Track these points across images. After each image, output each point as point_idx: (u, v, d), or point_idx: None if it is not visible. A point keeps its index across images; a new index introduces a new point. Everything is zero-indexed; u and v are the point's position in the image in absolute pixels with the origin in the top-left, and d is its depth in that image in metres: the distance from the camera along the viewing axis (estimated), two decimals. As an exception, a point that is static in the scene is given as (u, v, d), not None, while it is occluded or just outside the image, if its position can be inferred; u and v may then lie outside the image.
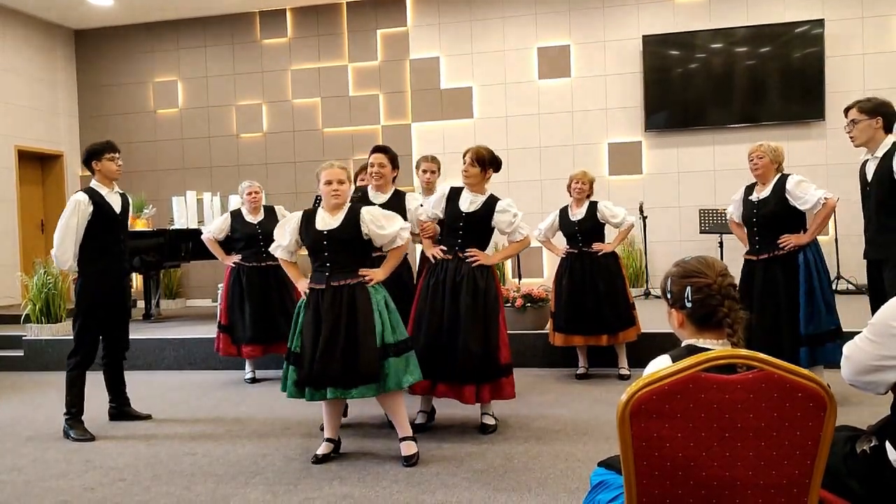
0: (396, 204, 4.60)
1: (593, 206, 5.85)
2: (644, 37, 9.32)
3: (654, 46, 9.32)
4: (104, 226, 4.83)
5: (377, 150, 4.80)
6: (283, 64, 10.45)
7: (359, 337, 3.90)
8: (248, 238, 6.19)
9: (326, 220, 4.04)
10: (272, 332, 6.09)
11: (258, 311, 6.06)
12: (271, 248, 4.27)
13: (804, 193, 4.70)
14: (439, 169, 5.52)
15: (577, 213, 5.87)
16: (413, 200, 4.76)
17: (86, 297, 4.81)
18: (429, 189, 5.41)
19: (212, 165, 10.66)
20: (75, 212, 4.75)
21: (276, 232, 4.22)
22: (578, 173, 5.92)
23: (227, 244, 6.37)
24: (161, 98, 10.83)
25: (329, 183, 4.01)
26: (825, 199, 4.65)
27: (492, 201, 4.54)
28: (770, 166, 4.86)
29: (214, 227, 6.37)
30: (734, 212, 5.18)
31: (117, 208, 4.94)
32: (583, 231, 5.84)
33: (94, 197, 4.82)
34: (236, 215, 6.34)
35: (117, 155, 4.94)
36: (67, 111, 10.93)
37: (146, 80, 10.86)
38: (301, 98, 10.40)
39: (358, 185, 5.34)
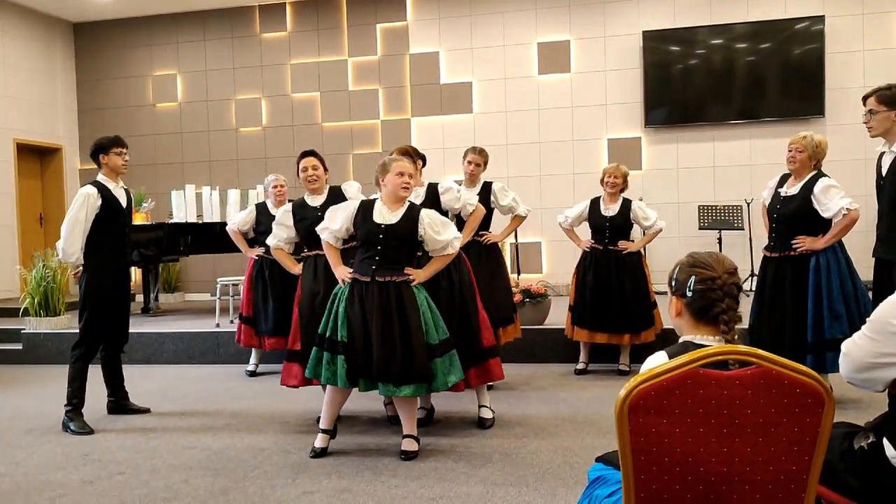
0: (336, 200, 4.64)
1: (627, 204, 5.79)
2: (644, 32, 9.31)
3: (654, 42, 9.30)
4: (111, 220, 4.86)
5: (307, 154, 4.86)
6: (282, 58, 10.44)
7: (412, 337, 3.92)
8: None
9: (385, 214, 4.04)
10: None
11: (281, 305, 6.04)
12: (318, 229, 4.24)
13: (829, 200, 4.52)
14: (486, 163, 5.52)
15: (610, 209, 5.80)
16: (350, 187, 4.89)
17: (92, 290, 4.84)
18: (471, 180, 5.47)
19: (211, 159, 10.65)
20: (84, 204, 4.76)
21: (327, 214, 4.19)
22: (611, 167, 5.84)
23: (250, 237, 6.40)
24: (160, 92, 10.81)
25: (400, 175, 4.01)
26: (847, 209, 4.47)
27: (432, 188, 4.61)
28: (807, 162, 4.67)
29: (239, 220, 6.39)
30: (766, 197, 4.97)
31: (123, 202, 4.97)
32: (613, 227, 5.77)
33: (102, 191, 4.85)
34: (261, 209, 6.35)
35: (125, 150, 4.97)
36: (66, 104, 10.92)
37: (145, 73, 10.84)
38: (300, 92, 10.39)
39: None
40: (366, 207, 4.09)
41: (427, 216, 4.05)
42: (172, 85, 10.78)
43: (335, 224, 4.13)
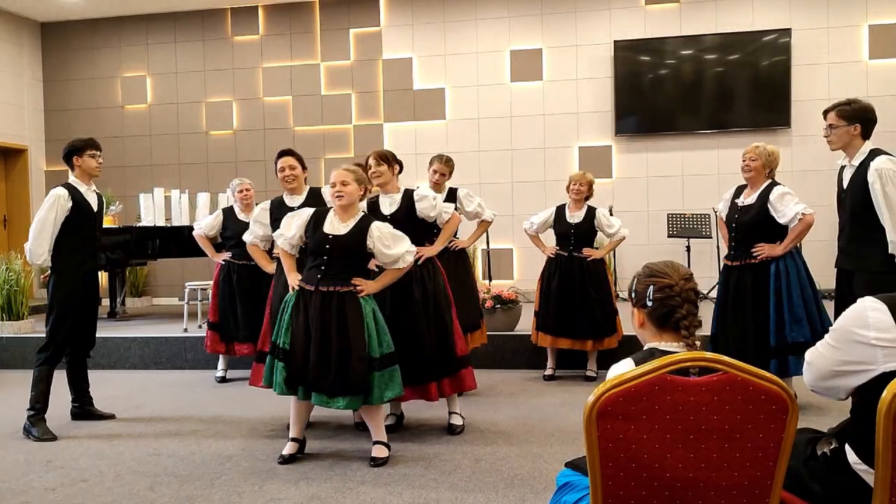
0: (315, 202, 4.63)
1: (592, 212, 5.84)
2: (615, 42, 9.41)
3: (625, 52, 9.40)
4: (81, 223, 4.79)
5: (285, 153, 4.83)
6: (254, 61, 10.37)
7: (350, 348, 3.88)
8: (239, 236, 6.11)
9: (335, 225, 4.02)
10: None
11: (251, 310, 5.98)
12: (274, 235, 4.24)
13: (784, 207, 4.66)
14: (451, 172, 5.50)
15: (575, 216, 5.85)
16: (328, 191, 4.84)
17: (60, 293, 4.76)
18: (436, 189, 5.43)
19: (180, 162, 10.54)
20: (54, 206, 4.69)
21: (283, 221, 4.18)
22: (577, 174, 5.91)
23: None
24: (129, 93, 10.68)
25: (333, 185, 4.00)
26: (803, 214, 4.61)
27: (408, 194, 4.57)
28: (762, 171, 4.78)
29: (205, 225, 6.33)
30: (722, 209, 5.10)
31: (94, 206, 4.91)
32: (578, 235, 5.82)
33: (74, 193, 4.77)
34: (228, 213, 6.30)
35: (99, 153, 4.91)
36: (33, 105, 10.73)
37: (114, 74, 10.70)
38: (272, 96, 10.33)
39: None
40: (318, 216, 4.08)
41: (378, 229, 4.01)
42: (142, 86, 10.65)
43: (289, 231, 4.13)
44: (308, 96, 10.23)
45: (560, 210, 5.95)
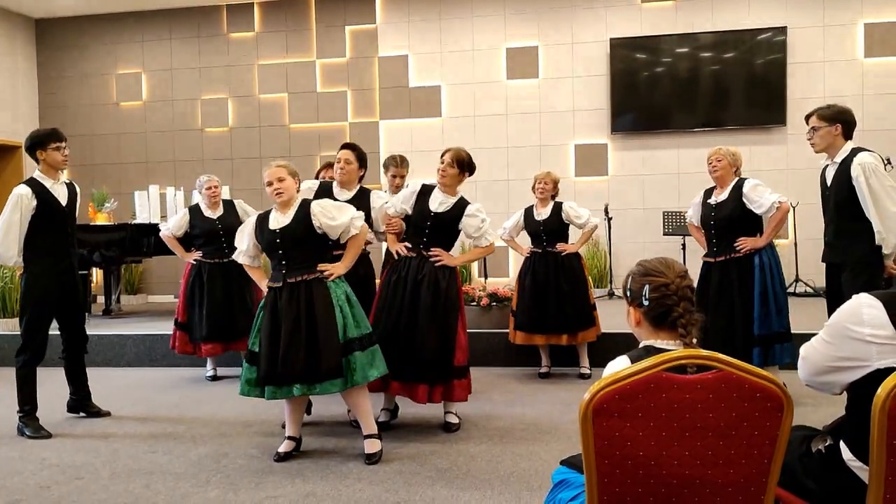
0: (361, 201, 4.59)
1: (558, 207, 5.90)
2: (611, 40, 9.41)
3: (621, 50, 9.41)
4: (49, 219, 4.63)
5: (346, 146, 4.79)
6: (249, 58, 10.34)
7: (319, 332, 3.89)
8: (208, 233, 6.10)
9: (279, 219, 4.03)
10: (231, 329, 6.00)
11: (217, 309, 5.96)
12: (234, 256, 4.27)
13: (759, 197, 4.80)
14: (407, 170, 5.49)
15: (542, 213, 5.92)
16: (378, 199, 4.74)
17: (32, 293, 4.65)
18: (396, 192, 5.38)
19: (175, 160, 10.52)
20: (17, 207, 4.55)
21: (236, 238, 4.23)
22: (542, 174, 5.99)
23: (187, 240, 6.28)
24: (124, 90, 10.65)
25: (269, 184, 4.01)
26: (779, 202, 4.76)
27: (462, 204, 4.52)
28: (728, 169, 4.95)
29: (173, 224, 6.27)
30: (693, 215, 5.28)
31: (63, 200, 4.72)
32: (547, 231, 5.89)
33: (38, 189, 4.61)
34: (195, 211, 6.24)
35: (63, 144, 4.73)
36: (27, 102, 10.70)
37: (109, 71, 10.67)
38: (268, 93, 10.31)
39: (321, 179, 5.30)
40: (262, 218, 4.10)
41: (317, 206, 4.02)
42: (137, 83, 10.62)
43: (242, 244, 4.15)
44: (304, 93, 10.21)
45: (528, 210, 6.03)
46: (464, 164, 4.49)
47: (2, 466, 4.11)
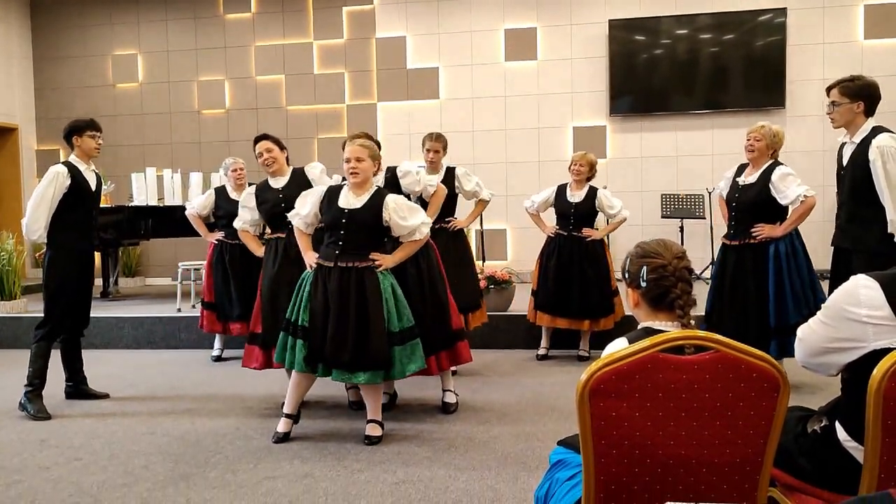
0: (298, 182, 4.64)
1: (593, 192, 5.84)
2: (610, 21, 9.35)
3: (620, 31, 9.35)
4: (79, 201, 4.82)
5: (260, 138, 4.82)
6: (246, 40, 10.27)
7: (370, 322, 3.90)
8: (232, 216, 6.07)
9: (350, 199, 4.01)
10: None
11: (245, 289, 5.97)
12: (289, 215, 4.24)
13: (786, 188, 4.62)
14: (445, 147, 5.48)
15: (576, 196, 5.85)
16: (314, 168, 4.83)
17: (56, 269, 4.77)
18: (433, 168, 5.43)
19: (172, 142, 10.47)
20: (53, 182, 4.72)
21: (297, 201, 4.19)
22: (578, 155, 5.91)
23: (210, 221, 6.33)
24: (120, 72, 10.58)
25: (347, 160, 3.98)
26: (805, 196, 4.57)
27: (391, 172, 4.63)
28: (765, 151, 4.75)
29: (198, 204, 6.33)
30: (724, 188, 5.06)
31: (92, 185, 4.94)
32: (578, 214, 5.83)
33: (73, 171, 4.80)
34: (220, 192, 6.28)
35: (98, 134, 4.95)
36: (22, 83, 10.63)
37: (105, 52, 10.59)
38: (265, 75, 10.25)
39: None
40: (332, 192, 4.07)
41: (393, 201, 4.02)
42: (133, 65, 10.55)
43: (304, 209, 4.12)
44: (301, 75, 10.15)
45: (561, 189, 5.95)
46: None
47: (2, 447, 4.13)
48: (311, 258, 4.08)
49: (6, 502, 3.37)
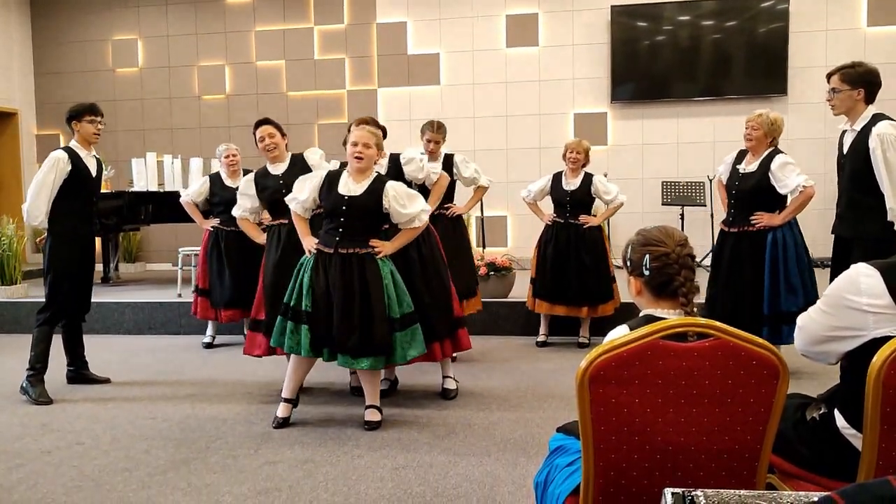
0: (298, 167, 4.63)
1: (588, 179, 5.84)
2: (612, 7, 9.29)
3: (622, 17, 9.30)
4: (79, 187, 4.81)
5: (262, 122, 4.80)
6: (247, 25, 10.22)
7: (372, 308, 3.91)
8: (227, 202, 6.07)
9: (350, 186, 4.00)
10: (250, 296, 6.03)
11: (237, 276, 5.97)
12: (287, 199, 4.21)
13: (785, 177, 4.62)
14: (444, 137, 5.47)
15: (572, 183, 5.85)
16: (313, 154, 4.83)
17: (56, 254, 4.78)
18: (432, 157, 5.43)
19: (173, 127, 10.44)
20: (53, 168, 4.71)
21: (296, 185, 4.17)
22: (572, 142, 5.91)
23: (204, 208, 6.32)
24: (120, 56, 10.53)
25: (354, 144, 3.96)
26: (804, 186, 4.57)
27: (394, 159, 4.61)
28: (763, 139, 4.74)
29: (192, 191, 6.31)
30: (723, 172, 5.06)
31: (93, 171, 4.93)
32: (573, 202, 5.84)
33: (74, 157, 4.79)
34: (215, 179, 6.27)
35: (98, 119, 4.93)
36: (22, 68, 10.58)
37: (104, 37, 10.54)
38: (265, 60, 10.21)
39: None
40: (332, 178, 4.06)
41: (392, 188, 4.02)
42: (133, 50, 10.51)
43: (303, 194, 4.11)
44: (301, 60, 10.11)
45: (557, 177, 5.95)
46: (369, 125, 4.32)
47: (3, 431, 4.14)
48: (309, 243, 4.08)
49: (7, 486, 3.39)
